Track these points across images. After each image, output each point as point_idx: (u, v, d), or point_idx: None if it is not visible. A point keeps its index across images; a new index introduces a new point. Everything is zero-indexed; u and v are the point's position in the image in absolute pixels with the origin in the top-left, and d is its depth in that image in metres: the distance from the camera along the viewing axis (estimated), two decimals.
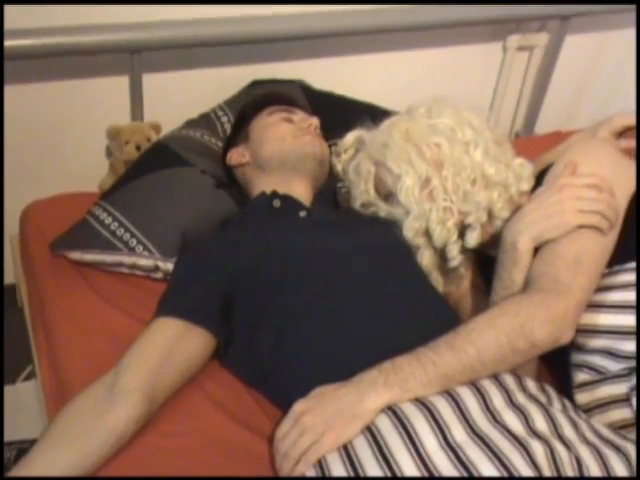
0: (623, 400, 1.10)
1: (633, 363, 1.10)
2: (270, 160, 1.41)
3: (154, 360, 1.10)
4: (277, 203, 1.36)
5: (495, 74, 2.12)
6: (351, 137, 1.53)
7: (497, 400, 0.97)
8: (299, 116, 1.49)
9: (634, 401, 1.08)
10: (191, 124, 1.68)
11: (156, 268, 1.37)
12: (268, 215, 1.35)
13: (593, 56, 2.21)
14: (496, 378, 1.01)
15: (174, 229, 1.39)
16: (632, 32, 2.18)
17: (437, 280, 1.36)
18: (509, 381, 1.02)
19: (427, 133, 1.37)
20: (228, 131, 1.63)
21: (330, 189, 1.51)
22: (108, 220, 1.38)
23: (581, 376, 1.15)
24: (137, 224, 1.38)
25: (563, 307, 1.05)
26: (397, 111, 1.78)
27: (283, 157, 1.40)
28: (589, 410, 1.12)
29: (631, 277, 1.14)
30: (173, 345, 1.13)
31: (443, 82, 2.05)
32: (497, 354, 1.00)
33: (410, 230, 1.32)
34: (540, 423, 0.95)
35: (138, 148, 1.60)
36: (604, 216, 1.13)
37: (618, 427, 1.08)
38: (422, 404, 0.95)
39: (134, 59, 1.55)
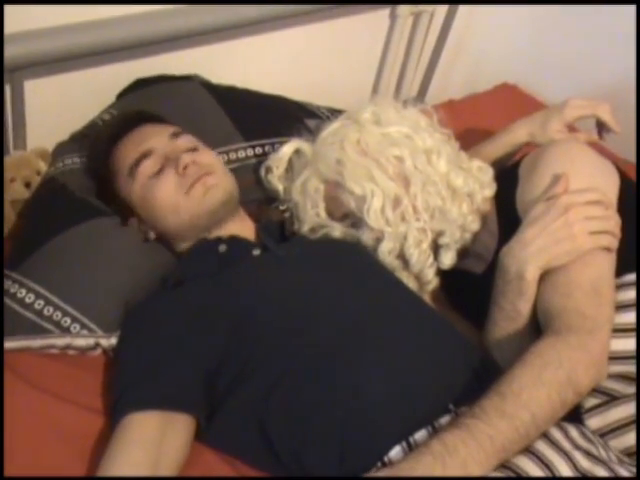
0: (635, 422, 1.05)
1: None
2: (179, 230, 1.21)
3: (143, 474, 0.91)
4: (223, 248, 1.18)
5: (382, 42, 1.98)
6: (288, 150, 1.35)
7: (564, 470, 0.89)
8: (160, 149, 1.20)
9: None
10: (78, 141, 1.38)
11: (96, 346, 1.12)
12: (218, 264, 1.15)
13: (466, 22, 2.12)
14: (547, 438, 0.93)
15: (111, 297, 1.14)
16: None
17: None
18: (559, 437, 0.94)
19: (384, 145, 1.24)
20: None
21: (274, 220, 1.32)
22: (30, 298, 1.09)
23: (591, 400, 1.09)
24: (67, 298, 1.11)
25: (599, 346, 0.99)
26: (306, 100, 1.64)
27: (192, 223, 1.19)
28: (603, 435, 1.06)
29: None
30: (160, 444, 0.94)
31: (334, 54, 1.90)
32: (550, 412, 0.93)
33: (387, 254, 1.22)
34: None
35: (27, 185, 1.29)
36: (613, 234, 1.07)
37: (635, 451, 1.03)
38: None
39: (14, 78, 1.21)
